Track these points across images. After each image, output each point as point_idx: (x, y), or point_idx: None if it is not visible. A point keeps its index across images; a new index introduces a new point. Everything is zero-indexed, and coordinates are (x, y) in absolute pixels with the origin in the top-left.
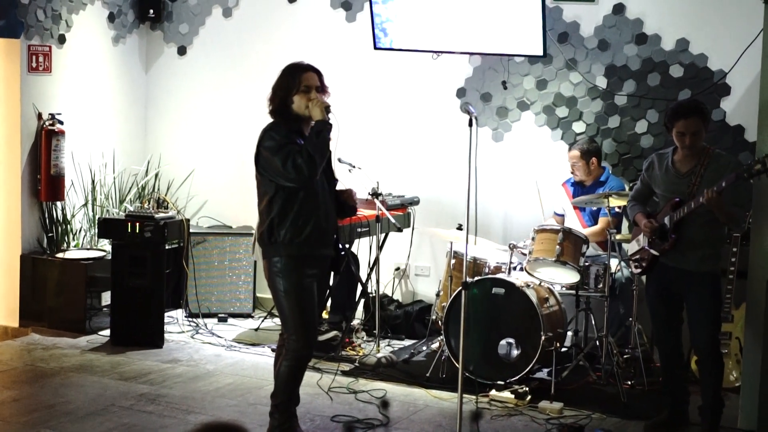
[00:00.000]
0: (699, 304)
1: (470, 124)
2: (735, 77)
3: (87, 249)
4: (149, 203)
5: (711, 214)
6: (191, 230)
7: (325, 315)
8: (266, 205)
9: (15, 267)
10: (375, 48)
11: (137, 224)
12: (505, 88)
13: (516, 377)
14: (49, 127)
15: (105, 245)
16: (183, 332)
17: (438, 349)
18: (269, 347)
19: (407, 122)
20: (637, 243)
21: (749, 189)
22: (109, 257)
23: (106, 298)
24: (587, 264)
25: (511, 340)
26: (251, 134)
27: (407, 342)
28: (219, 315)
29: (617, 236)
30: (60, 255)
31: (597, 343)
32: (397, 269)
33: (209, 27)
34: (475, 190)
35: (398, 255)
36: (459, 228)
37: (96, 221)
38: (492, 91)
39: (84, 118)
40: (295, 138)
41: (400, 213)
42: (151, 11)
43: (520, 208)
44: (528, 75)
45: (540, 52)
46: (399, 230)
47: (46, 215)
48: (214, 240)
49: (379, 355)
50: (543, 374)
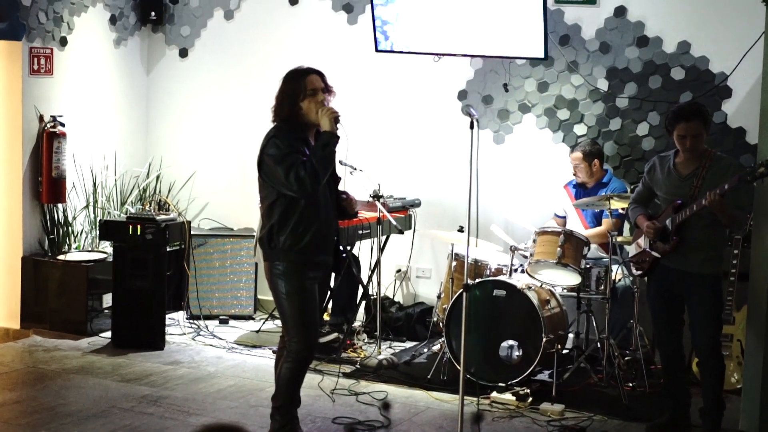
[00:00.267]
0: (700, 306)
1: (471, 127)
2: (736, 79)
3: (88, 251)
4: (150, 205)
5: (713, 217)
6: (192, 232)
7: (327, 317)
8: (267, 210)
9: (16, 269)
10: (376, 50)
11: (138, 226)
12: (507, 91)
13: (517, 379)
14: (51, 130)
15: (106, 247)
16: (184, 334)
17: (439, 351)
18: (270, 349)
19: (408, 125)
20: (638, 245)
21: (751, 191)
22: (111, 259)
23: (108, 300)
24: (588, 266)
25: (513, 342)
26: (252, 136)
27: (408, 344)
28: (220, 317)
29: (619, 238)
30: (61, 257)
31: (598, 345)
32: (399, 271)
33: (211, 29)
34: (477, 193)
35: (399, 257)
36: (460, 230)
37: (97, 223)
38: (493, 94)
39: (85, 121)
40: (300, 146)
41: (402, 215)
42: (153, 13)
43: (522, 211)
44: (529, 77)
45: (541, 55)
46: (400, 232)
47: (48, 217)
48: (215, 242)
49: (381, 357)
50: (544, 376)
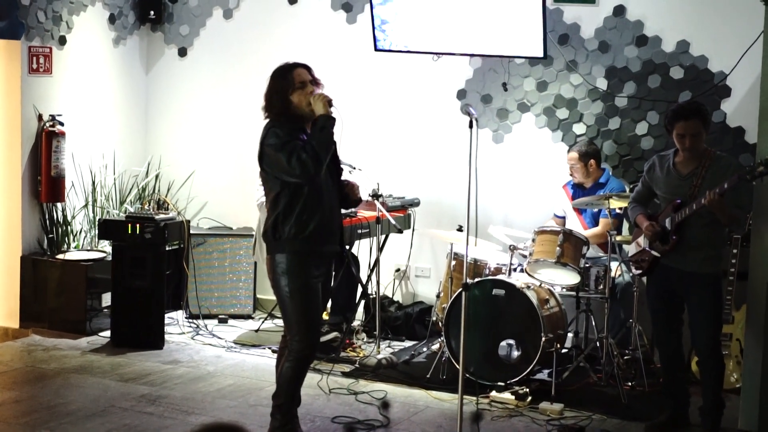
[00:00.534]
0: (700, 306)
1: (470, 126)
2: (735, 79)
3: (87, 250)
4: (149, 204)
5: (712, 216)
6: (191, 231)
7: (326, 316)
8: (272, 202)
9: (15, 268)
10: (375, 49)
11: (137, 225)
12: (506, 90)
13: (516, 378)
14: (50, 129)
15: (105, 246)
16: (183, 333)
17: (438, 351)
18: (270, 348)
19: (408, 124)
20: (638, 244)
21: (750, 191)
22: (110, 258)
23: (107, 300)
24: (587, 265)
25: (512, 342)
26: (252, 136)
27: (407, 343)
28: (219, 316)
29: (618, 238)
30: (60, 256)
31: (597, 345)
32: (398, 270)
33: (210, 28)
34: (476, 192)
35: (398, 256)
36: (459, 229)
37: (96, 222)
38: (492, 93)
39: (84, 120)
40: (299, 134)
41: (401, 214)
42: (152, 13)
43: (521, 210)
44: (528, 77)
45: (540, 54)
46: (399, 231)
47: (47, 216)
48: (215, 241)
49: (380, 357)
50: (543, 375)
